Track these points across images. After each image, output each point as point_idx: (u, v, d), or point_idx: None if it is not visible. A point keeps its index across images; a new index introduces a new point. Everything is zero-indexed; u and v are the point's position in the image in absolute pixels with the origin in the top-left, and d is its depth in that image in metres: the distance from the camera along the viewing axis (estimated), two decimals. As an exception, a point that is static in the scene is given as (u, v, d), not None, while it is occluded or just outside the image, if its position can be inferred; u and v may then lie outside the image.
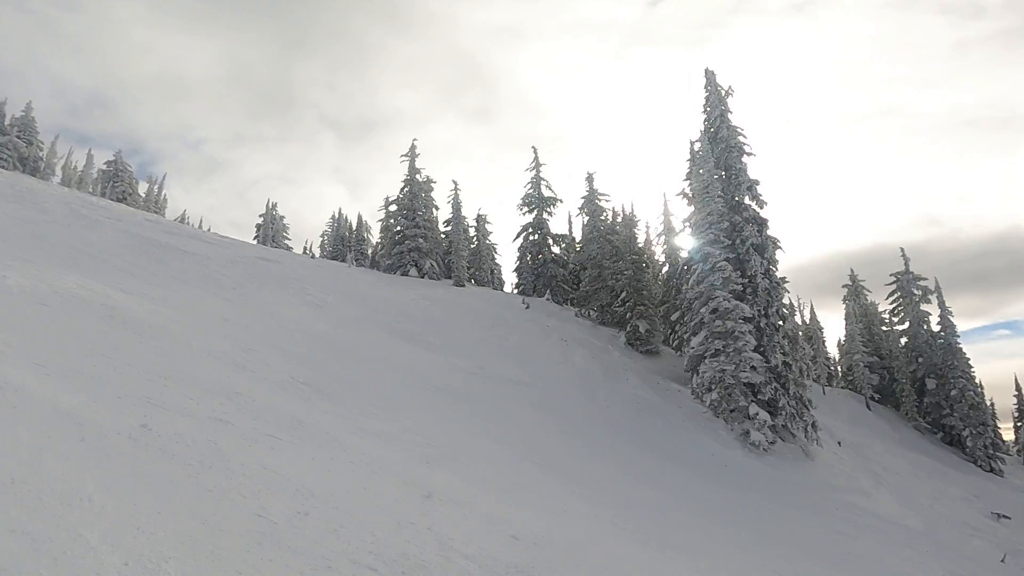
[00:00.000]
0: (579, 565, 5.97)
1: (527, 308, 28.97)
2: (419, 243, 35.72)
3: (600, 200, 33.48)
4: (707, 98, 24.14)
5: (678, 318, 23.18)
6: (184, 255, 19.55)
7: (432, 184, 40.36)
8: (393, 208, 37.33)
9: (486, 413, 13.75)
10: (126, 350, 7.88)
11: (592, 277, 31.12)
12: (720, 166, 22.98)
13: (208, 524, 3.65)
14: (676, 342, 26.88)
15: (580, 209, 33.74)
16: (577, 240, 36.25)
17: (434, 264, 36.32)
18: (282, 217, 60.65)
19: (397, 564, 4.09)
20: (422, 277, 35.39)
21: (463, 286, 33.89)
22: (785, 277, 21.96)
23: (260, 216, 55.64)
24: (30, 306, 8.20)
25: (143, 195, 51.86)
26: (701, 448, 18.07)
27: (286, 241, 59.52)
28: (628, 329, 27.03)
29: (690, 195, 22.98)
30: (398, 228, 36.43)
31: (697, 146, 22.87)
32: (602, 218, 33.00)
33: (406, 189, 37.37)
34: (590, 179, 33.97)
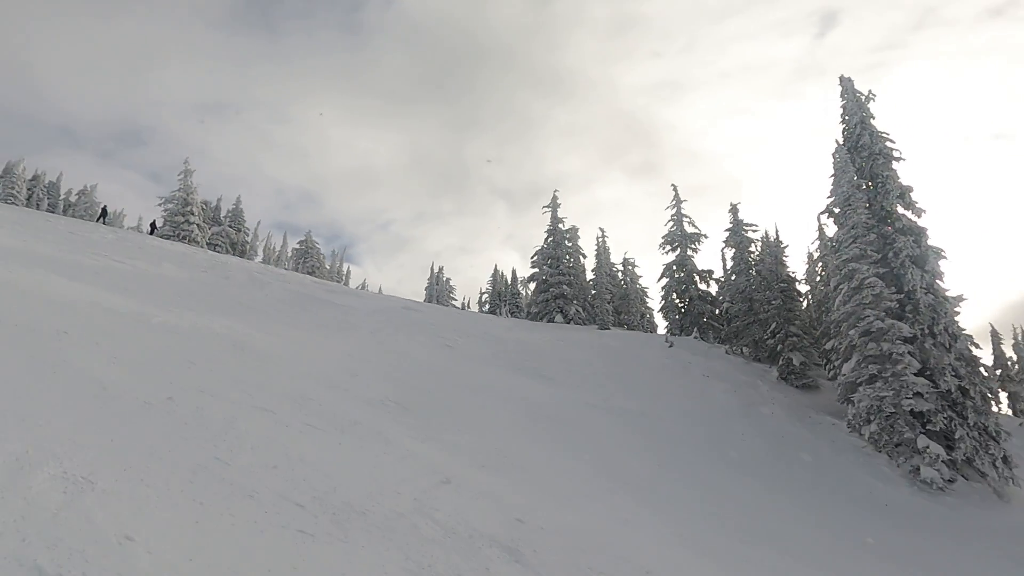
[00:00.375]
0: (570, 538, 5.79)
1: (670, 347, 28.03)
2: (563, 289, 36.35)
3: (747, 231, 31.85)
4: (844, 107, 22.42)
5: (832, 346, 21.06)
6: (332, 306, 21.87)
7: (578, 233, 41.37)
8: (537, 258, 38.52)
9: (584, 439, 13.53)
10: (231, 367, 9.15)
11: (743, 311, 29.50)
12: (864, 176, 21.01)
13: (171, 460, 4.27)
14: (832, 372, 24.27)
15: (725, 242, 32.33)
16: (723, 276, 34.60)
17: (579, 310, 36.63)
18: (448, 279, 65.19)
19: (333, 509, 4.39)
20: (567, 323, 35.80)
21: (607, 329, 33.70)
22: (962, 295, 19.04)
23: (426, 280, 60.10)
24: (165, 336, 9.87)
25: (328, 267, 58.68)
26: (854, 485, 16.04)
27: (452, 301, 63.68)
28: (780, 363, 25.03)
29: (834, 211, 21.16)
30: (543, 277, 37.42)
31: (836, 158, 21.16)
32: (750, 250, 31.36)
33: (549, 239, 38.50)
34: (734, 211, 32.56)
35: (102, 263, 17.43)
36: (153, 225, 39.95)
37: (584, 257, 41.09)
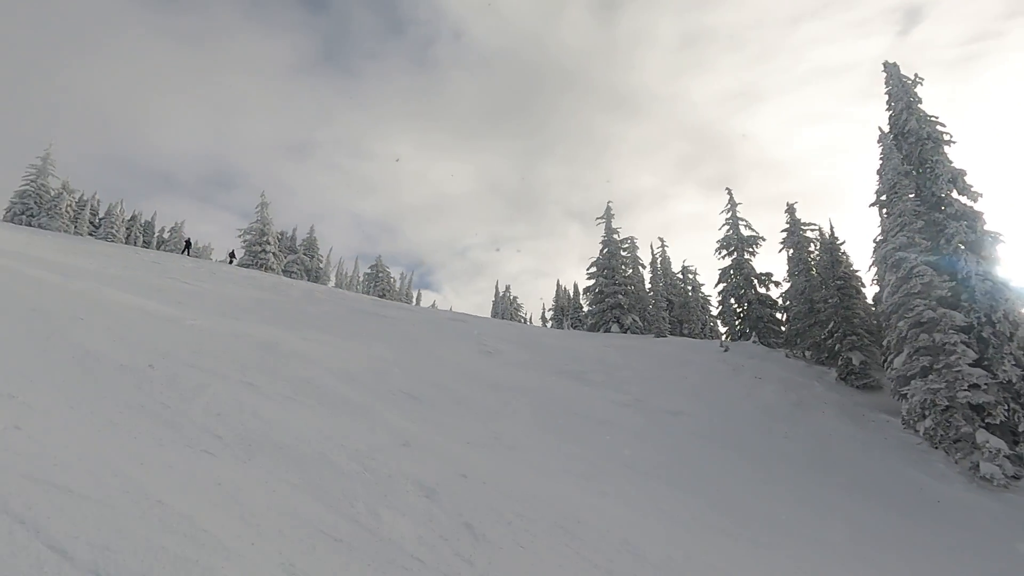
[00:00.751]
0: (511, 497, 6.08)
1: (725, 351, 27.43)
2: (619, 299, 36.22)
3: (804, 231, 30.81)
4: (889, 92, 21.61)
5: (885, 341, 20.08)
6: (381, 318, 22.90)
7: (636, 244, 41.34)
8: (593, 270, 38.60)
9: (599, 431, 13.62)
10: (242, 357, 10.00)
11: (802, 313, 28.49)
12: (912, 162, 20.10)
13: (114, 399, 4.96)
14: (887, 368, 23.01)
15: (782, 243, 31.36)
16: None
17: (636, 319, 36.35)
18: (514, 297, 66.14)
19: (252, 443, 4.95)
20: (624, 332, 35.59)
21: (664, 337, 33.30)
22: (1028, 281, 17.84)
23: (492, 298, 61.21)
24: (186, 333, 10.87)
25: (398, 289, 60.82)
26: (902, 482, 15.22)
27: (519, 317, 64.52)
28: (840, 363, 23.99)
29: (881, 199, 20.35)
30: (598, 288, 37.45)
31: (881, 146, 20.39)
32: (809, 250, 30.31)
33: (604, 250, 38.53)
34: (791, 210, 31.62)
35: (167, 283, 19.14)
36: (232, 254, 42.88)
37: (644, 268, 41.17)
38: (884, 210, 20.00)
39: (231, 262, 41.59)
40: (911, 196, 19.07)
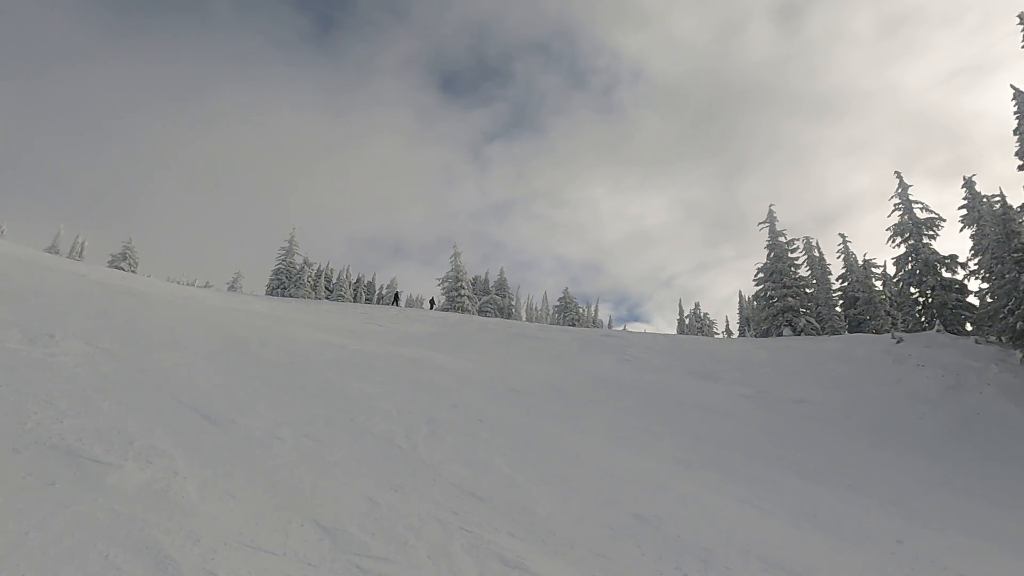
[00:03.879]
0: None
1: (897, 343, 26.07)
2: (788, 302, 35.47)
3: (990, 203, 28.07)
4: (1031, 43, 20.02)
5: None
6: (538, 340, 25.98)
7: (814, 244, 40.35)
8: (761, 275, 38.15)
9: (718, 420, 15.00)
10: (388, 369, 13.66)
11: (994, 293, 26.03)
12: (1059, 115, 18.48)
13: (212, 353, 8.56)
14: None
15: (962, 221, 28.80)
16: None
17: (811, 320, 35.22)
18: (706, 314, 65.68)
19: (353, 402, 8.20)
20: (797, 335, 34.68)
21: (837, 334, 32.06)
22: None
23: (678, 316, 61.57)
24: (340, 351, 14.83)
25: (586, 316, 63.99)
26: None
27: (714, 332, 63.92)
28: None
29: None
30: (766, 293, 36.96)
31: (1017, 103, 19.09)
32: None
33: (771, 254, 37.98)
34: (969, 184, 29.05)
35: (362, 326, 24.25)
36: (432, 301, 49.45)
37: (830, 266, 40.17)
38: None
39: (431, 307, 48.03)
40: (1058, 152, 17.62)
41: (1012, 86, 19.33)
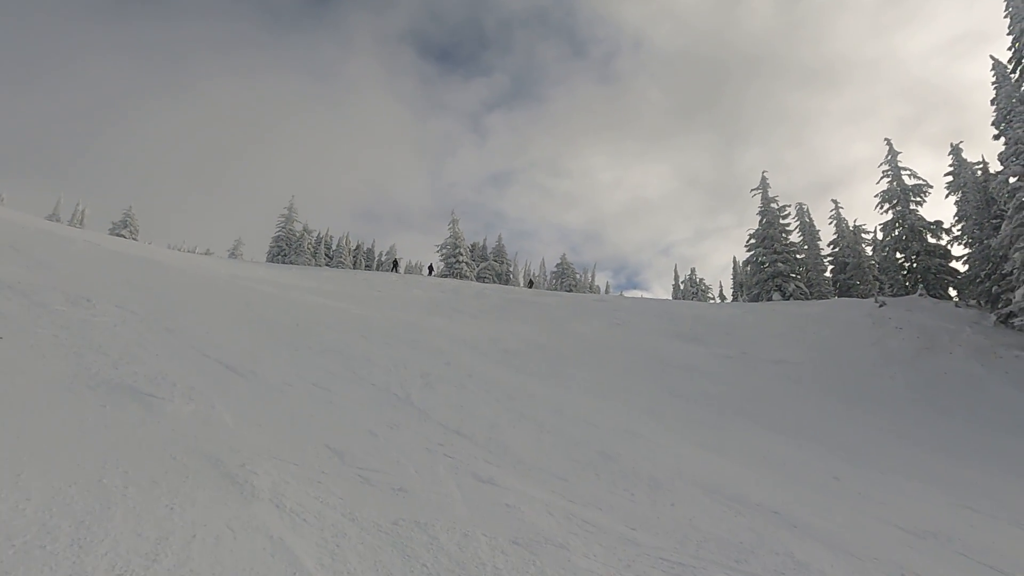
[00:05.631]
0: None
1: (880, 307, 27.08)
2: (778, 267, 36.38)
3: (975, 171, 28.78)
4: (1011, 14, 20.51)
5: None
6: (532, 305, 26.97)
7: (805, 209, 41.18)
8: (752, 241, 38.98)
9: (699, 378, 16.04)
10: (389, 332, 14.67)
11: (973, 258, 26.96)
12: (1033, 87, 19.11)
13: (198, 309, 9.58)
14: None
15: (948, 188, 29.55)
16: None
17: (800, 286, 36.18)
18: (701, 279, 66.69)
19: (353, 359, 9.22)
20: (787, 299, 35.67)
21: (825, 298, 33.05)
22: None
23: (673, 281, 62.56)
24: (341, 314, 15.83)
25: (582, 282, 64.98)
26: (1008, 409, 15.42)
27: (709, 297, 64.98)
28: (999, 305, 22.83)
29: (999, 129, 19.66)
30: (757, 259, 37.85)
31: (994, 74, 19.71)
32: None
33: (762, 220, 38.74)
34: (956, 152, 29.70)
35: (362, 291, 25.21)
36: (431, 268, 50.37)
37: (819, 231, 41.10)
38: (1002, 140, 19.31)
39: (430, 274, 48.99)
40: (1029, 122, 18.33)
41: (992, 56, 19.89)
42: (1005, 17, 20.62)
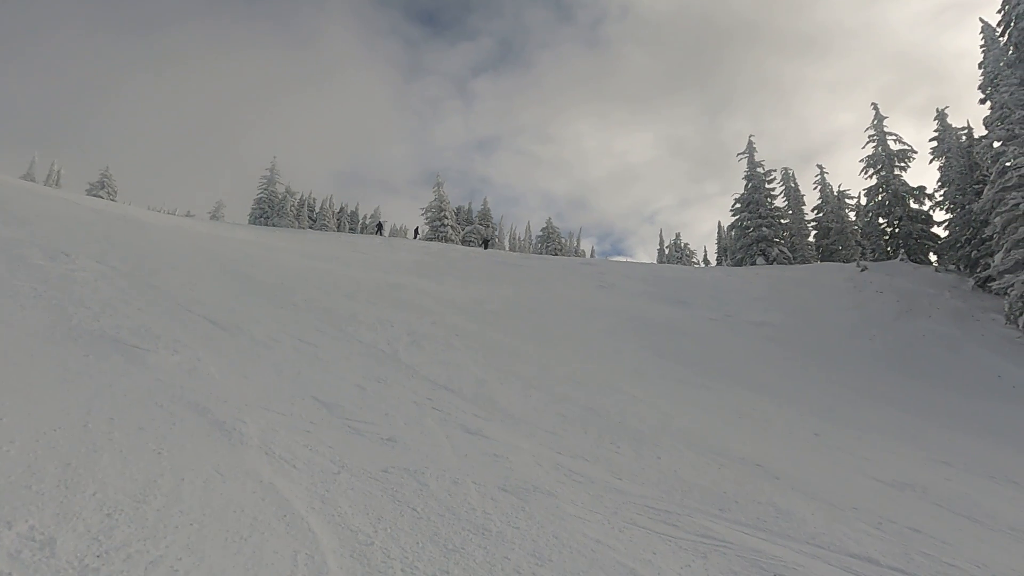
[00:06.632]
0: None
1: (862, 271, 27.36)
2: (763, 232, 36.53)
3: (961, 136, 28.87)
4: (1002, -22, 20.35)
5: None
6: (519, 268, 26.95)
7: (791, 174, 41.30)
8: (738, 206, 39.04)
9: (682, 339, 16.17)
10: (374, 293, 14.58)
11: (954, 224, 27.22)
12: (1021, 51, 19.07)
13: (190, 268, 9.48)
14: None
15: (932, 153, 29.65)
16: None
17: (784, 250, 36.42)
18: (686, 244, 66.82)
19: (339, 318, 9.16)
20: (770, 264, 35.94)
21: (808, 263, 33.35)
22: None
23: (658, 247, 62.78)
24: (328, 276, 15.71)
25: (568, 245, 65.02)
26: (981, 371, 15.78)
27: (693, 262, 65.28)
28: (978, 269, 23.17)
29: (987, 94, 19.67)
30: (742, 223, 37.97)
31: (983, 36, 19.63)
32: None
33: (748, 184, 38.74)
34: (941, 117, 29.71)
35: (347, 253, 25.00)
36: (416, 231, 50.05)
37: (803, 196, 41.30)
38: (988, 104, 19.34)
39: (415, 237, 48.67)
40: (1017, 86, 18.34)
41: (981, 19, 19.80)
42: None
